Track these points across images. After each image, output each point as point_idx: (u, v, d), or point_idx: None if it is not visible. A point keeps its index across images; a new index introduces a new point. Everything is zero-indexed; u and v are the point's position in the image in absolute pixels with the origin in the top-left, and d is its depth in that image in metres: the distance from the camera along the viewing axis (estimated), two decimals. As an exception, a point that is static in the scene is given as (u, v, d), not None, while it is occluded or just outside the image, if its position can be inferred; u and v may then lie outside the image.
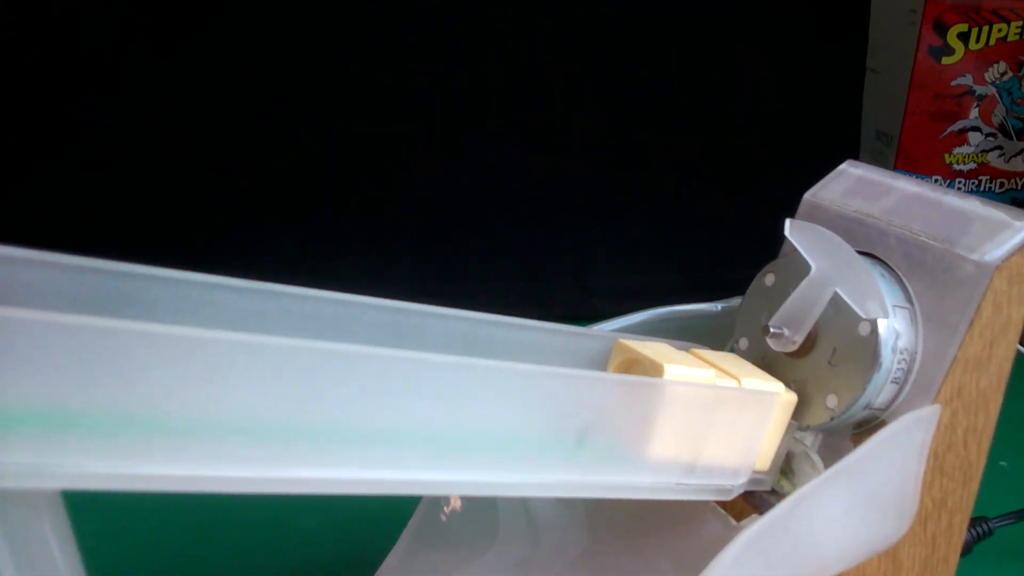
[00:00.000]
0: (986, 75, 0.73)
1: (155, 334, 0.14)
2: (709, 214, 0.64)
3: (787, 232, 0.23)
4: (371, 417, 0.15)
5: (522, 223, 0.62)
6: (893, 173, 0.24)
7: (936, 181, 0.77)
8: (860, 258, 0.21)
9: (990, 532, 0.31)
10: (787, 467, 0.23)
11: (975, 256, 0.21)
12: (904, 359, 0.21)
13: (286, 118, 0.58)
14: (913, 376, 0.21)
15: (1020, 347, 0.55)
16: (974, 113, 0.74)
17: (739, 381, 0.21)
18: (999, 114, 0.74)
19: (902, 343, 0.21)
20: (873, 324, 0.21)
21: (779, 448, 0.22)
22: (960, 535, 0.24)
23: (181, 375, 0.14)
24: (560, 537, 0.24)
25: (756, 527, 0.18)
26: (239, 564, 0.35)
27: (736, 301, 0.26)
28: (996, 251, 0.20)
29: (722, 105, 0.65)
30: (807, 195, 0.26)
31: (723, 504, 0.22)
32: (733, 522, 0.22)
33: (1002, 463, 0.46)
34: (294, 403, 0.15)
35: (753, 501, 0.23)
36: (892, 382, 0.21)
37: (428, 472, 0.16)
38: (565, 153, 0.61)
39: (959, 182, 0.77)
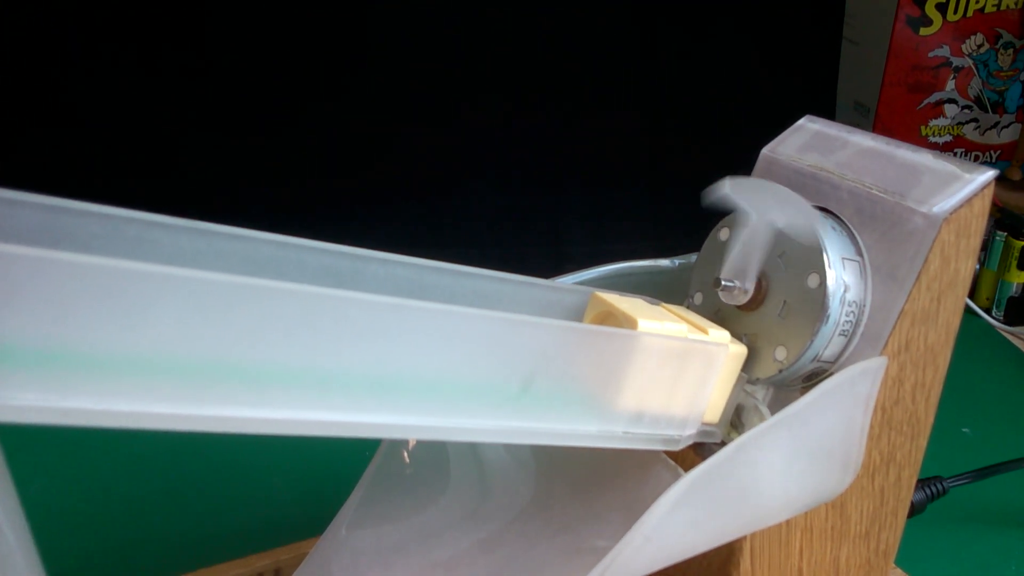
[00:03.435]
0: (963, 47, 0.73)
1: (82, 264, 0.14)
2: (685, 184, 0.64)
3: (727, 187, 0.23)
4: (302, 357, 0.15)
5: (497, 190, 0.62)
6: (850, 128, 0.24)
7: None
8: (810, 207, 0.21)
9: (944, 491, 0.31)
10: (736, 420, 0.23)
11: (923, 208, 0.21)
12: (852, 311, 0.21)
13: (262, 97, 0.58)
14: (861, 329, 0.21)
15: (987, 315, 0.55)
16: (951, 85, 0.74)
17: (687, 333, 0.21)
18: (975, 86, 0.74)
19: (851, 295, 0.21)
20: (821, 275, 0.21)
21: (728, 400, 0.22)
22: (908, 490, 0.25)
23: (109, 309, 0.14)
24: (510, 487, 0.24)
25: (696, 472, 0.18)
26: (196, 521, 0.35)
27: (692, 257, 0.26)
28: (944, 203, 0.20)
29: (698, 74, 0.64)
30: (765, 150, 0.25)
31: (674, 457, 0.22)
32: (682, 473, 0.22)
33: (965, 430, 0.47)
34: (223, 340, 0.14)
35: (703, 453, 0.23)
36: (840, 334, 0.21)
37: (364, 414, 0.16)
38: (542, 121, 0.61)
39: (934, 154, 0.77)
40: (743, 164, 0.29)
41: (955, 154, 0.76)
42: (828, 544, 0.24)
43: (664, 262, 0.26)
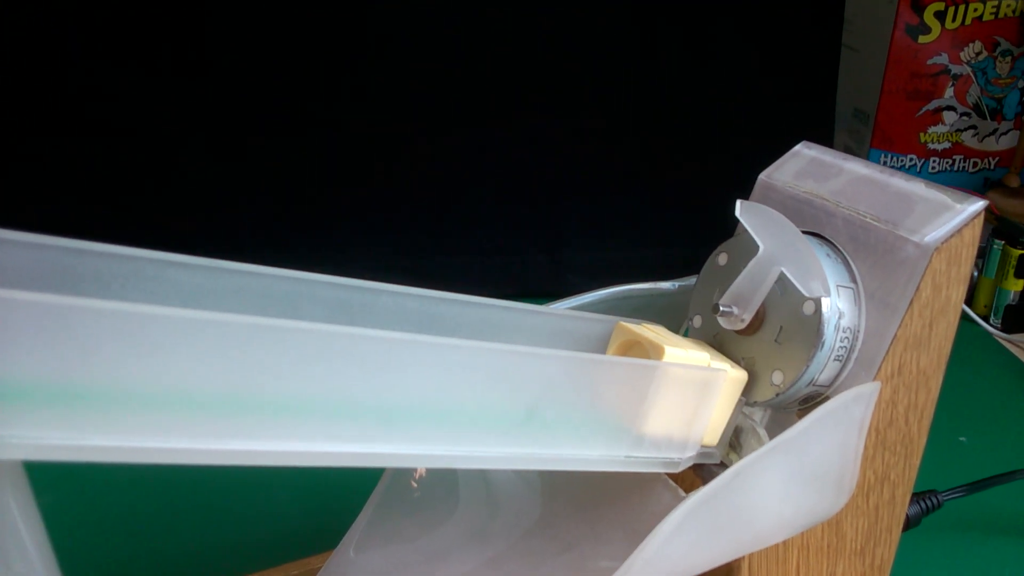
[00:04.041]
0: (962, 55, 0.73)
1: (106, 311, 0.14)
2: (684, 191, 0.65)
3: (737, 213, 0.23)
4: (316, 391, 0.16)
5: (497, 196, 0.62)
6: (845, 155, 0.25)
7: (911, 160, 0.78)
8: (805, 238, 0.22)
9: (939, 505, 0.32)
10: (735, 441, 0.24)
11: (916, 237, 0.21)
12: (847, 337, 0.22)
13: (262, 99, 0.58)
14: (856, 354, 0.22)
15: (984, 323, 0.56)
16: (949, 92, 0.75)
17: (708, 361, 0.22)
18: (974, 94, 0.75)
19: (845, 322, 0.22)
20: (816, 303, 0.22)
21: (728, 423, 0.23)
22: (903, 507, 0.25)
23: (132, 350, 0.15)
24: (517, 507, 0.25)
25: (697, 496, 0.19)
26: (206, 536, 0.36)
27: (692, 280, 0.27)
28: (936, 232, 0.21)
29: (698, 82, 0.65)
30: (762, 176, 0.26)
31: (675, 477, 0.23)
32: (683, 494, 0.23)
33: (961, 439, 0.47)
34: (241, 377, 0.15)
35: (703, 475, 0.24)
36: (835, 359, 0.22)
37: (374, 445, 0.17)
38: (542, 131, 0.62)
39: (933, 161, 0.77)
40: (743, 170, 0.30)
41: (953, 161, 0.77)
42: (824, 561, 0.24)
43: (664, 285, 0.27)
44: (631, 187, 0.63)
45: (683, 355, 0.21)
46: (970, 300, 0.62)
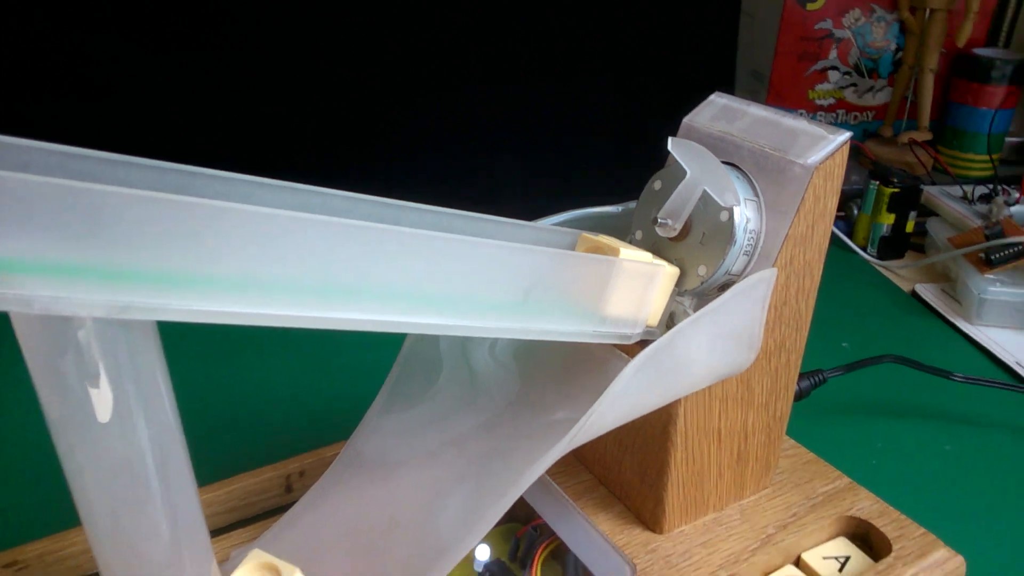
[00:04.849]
0: (844, 20, 0.83)
1: (227, 209, 0.20)
2: (603, 136, 0.72)
3: (669, 147, 0.30)
4: (364, 275, 0.22)
5: (470, 151, 0.68)
6: (748, 102, 0.32)
7: (800, 114, 0.87)
8: (721, 164, 0.29)
9: (823, 380, 0.40)
10: (670, 323, 0.31)
11: (801, 160, 0.29)
12: (752, 237, 0.29)
13: (243, 55, 0.62)
14: (759, 250, 0.29)
15: (863, 252, 0.65)
16: (833, 54, 0.84)
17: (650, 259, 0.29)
18: (854, 55, 0.84)
19: (751, 225, 0.29)
20: (730, 212, 0.29)
21: (665, 308, 0.30)
22: (796, 370, 0.33)
23: (252, 243, 0.20)
24: (501, 386, 0.32)
25: (645, 352, 0.26)
26: (241, 414, 0.42)
27: (632, 204, 0.34)
28: (815, 156, 0.29)
29: (618, 50, 0.72)
30: (685, 119, 0.33)
31: (625, 349, 0.30)
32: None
33: (844, 344, 0.57)
34: (324, 264, 0.21)
35: (642, 345, 0.31)
36: (744, 254, 0.29)
37: (415, 317, 0.23)
38: (491, 96, 0.68)
39: (820, 115, 0.87)
40: (659, 121, 0.36)
41: (836, 115, 0.87)
42: (739, 411, 0.32)
43: (611, 208, 0.34)
44: (556, 139, 0.70)
45: (634, 254, 0.28)
46: (851, 233, 0.71)
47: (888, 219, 0.68)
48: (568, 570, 0.33)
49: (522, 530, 0.35)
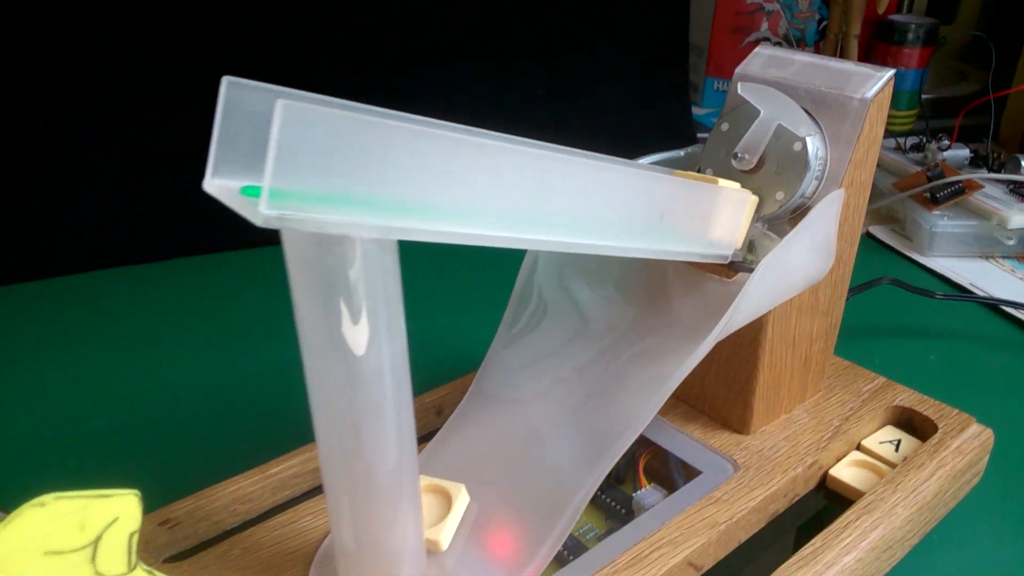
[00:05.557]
0: (773, -6, 0.90)
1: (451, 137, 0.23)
2: (574, 113, 0.76)
3: (740, 91, 0.35)
4: (525, 198, 0.25)
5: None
6: (791, 50, 0.37)
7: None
8: (790, 100, 0.34)
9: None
10: (751, 245, 0.35)
11: (858, 95, 0.34)
12: (821, 164, 0.34)
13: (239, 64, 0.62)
14: (826, 174, 0.34)
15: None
16: (764, 26, 0.92)
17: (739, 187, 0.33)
18: (783, 26, 0.92)
19: (819, 153, 0.34)
20: (803, 141, 0.33)
21: (747, 233, 0.35)
22: (848, 281, 0.38)
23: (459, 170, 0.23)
24: (609, 316, 0.35)
25: (768, 258, 0.30)
26: None
27: (689, 149, 0.38)
28: (870, 90, 0.33)
29: (585, 35, 0.76)
30: (737, 70, 0.37)
31: (716, 272, 0.34)
32: (727, 280, 0.34)
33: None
34: (522, 191, 0.24)
35: (736, 268, 0.35)
36: (815, 179, 0.34)
37: (563, 236, 0.26)
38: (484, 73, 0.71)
39: (756, 84, 0.94)
40: (628, 94, 0.40)
41: (774, 82, 0.94)
42: (808, 319, 0.37)
43: (677, 152, 0.38)
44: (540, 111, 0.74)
45: (729, 183, 0.33)
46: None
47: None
48: (673, 474, 0.37)
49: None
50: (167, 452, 0.44)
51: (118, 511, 0.26)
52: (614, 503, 0.36)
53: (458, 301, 0.56)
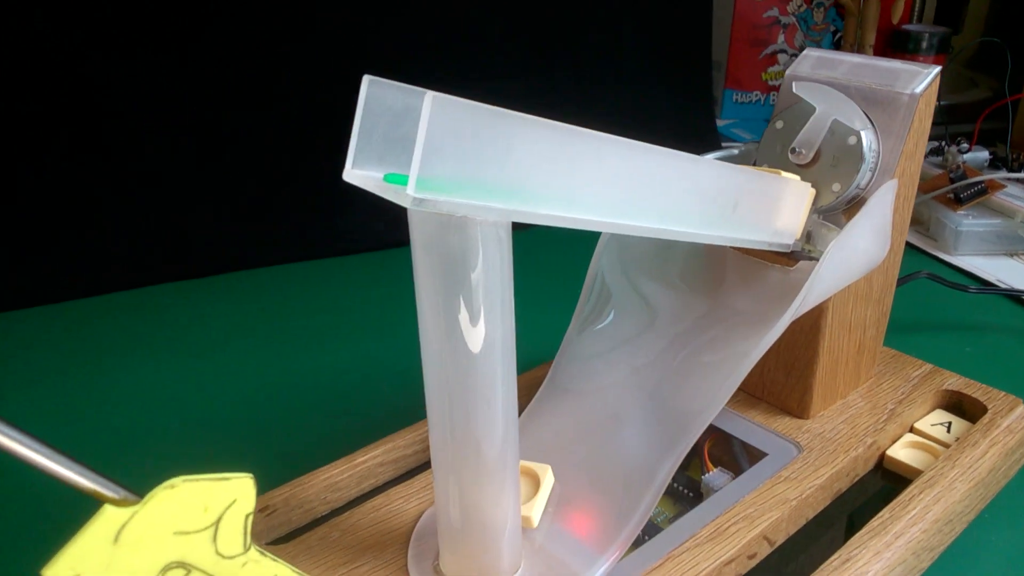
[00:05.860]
0: (788, 7, 0.93)
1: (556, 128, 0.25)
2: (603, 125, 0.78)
3: (795, 89, 0.37)
4: (625, 186, 0.27)
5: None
6: (837, 52, 0.39)
7: (756, 95, 0.97)
8: (845, 96, 0.36)
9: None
10: (809, 235, 0.37)
11: (908, 91, 0.36)
12: (874, 156, 0.36)
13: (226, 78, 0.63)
14: (879, 166, 0.36)
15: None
16: (781, 38, 0.94)
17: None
18: (799, 38, 0.94)
19: (873, 146, 0.36)
20: (858, 135, 0.35)
21: (805, 223, 0.36)
22: (898, 270, 0.40)
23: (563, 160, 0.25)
24: (677, 306, 0.37)
25: (835, 242, 0.32)
26: None
27: (742, 147, 0.40)
28: (919, 87, 0.36)
29: (615, 48, 0.79)
30: (788, 72, 0.40)
31: (777, 261, 0.36)
32: (788, 268, 0.36)
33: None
34: (619, 179, 0.26)
35: (795, 257, 0.37)
36: (869, 171, 0.36)
37: (645, 221, 0.28)
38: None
39: (773, 95, 0.96)
40: (655, 101, 0.41)
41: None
42: (863, 305, 0.39)
43: (733, 150, 0.40)
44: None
45: (791, 175, 0.35)
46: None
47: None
48: (738, 457, 0.38)
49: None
50: (262, 444, 0.47)
51: (236, 493, 0.27)
52: (681, 487, 0.38)
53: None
